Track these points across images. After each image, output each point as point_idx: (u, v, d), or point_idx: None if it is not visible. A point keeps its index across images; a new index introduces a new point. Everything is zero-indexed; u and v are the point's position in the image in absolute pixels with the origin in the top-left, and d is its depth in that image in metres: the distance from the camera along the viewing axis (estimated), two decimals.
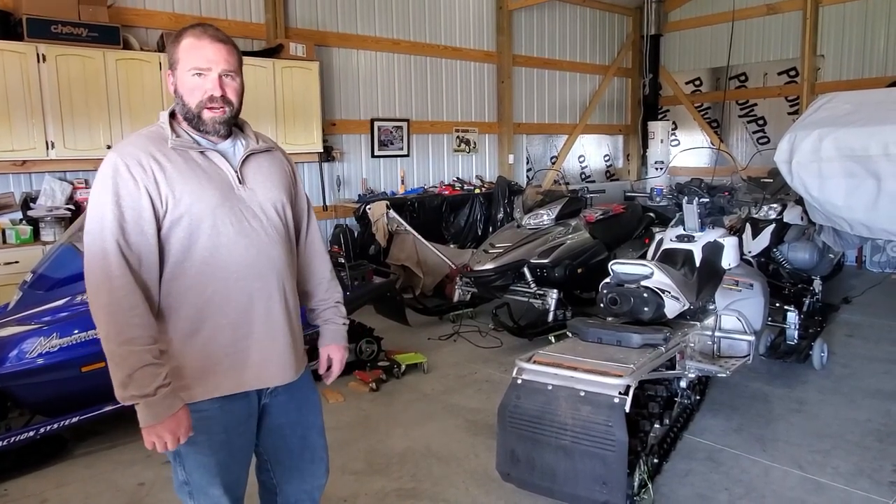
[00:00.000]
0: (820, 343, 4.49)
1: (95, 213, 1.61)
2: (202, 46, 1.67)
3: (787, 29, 8.53)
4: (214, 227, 1.68)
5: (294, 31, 6.50)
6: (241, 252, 1.71)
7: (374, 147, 7.34)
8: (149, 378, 1.57)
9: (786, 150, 3.64)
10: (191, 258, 1.67)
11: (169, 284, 1.68)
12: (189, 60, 1.67)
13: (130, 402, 1.58)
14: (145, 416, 1.59)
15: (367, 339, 4.67)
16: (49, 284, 3.55)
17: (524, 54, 8.70)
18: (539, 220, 5.68)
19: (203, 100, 1.68)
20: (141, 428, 1.61)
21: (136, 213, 1.61)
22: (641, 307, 3.05)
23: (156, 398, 1.58)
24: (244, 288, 1.72)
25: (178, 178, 1.65)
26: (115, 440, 3.61)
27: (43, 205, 5.02)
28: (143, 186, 1.62)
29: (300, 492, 2.00)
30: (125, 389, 1.57)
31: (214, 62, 1.68)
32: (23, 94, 4.77)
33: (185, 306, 1.68)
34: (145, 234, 1.62)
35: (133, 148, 1.66)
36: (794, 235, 5.54)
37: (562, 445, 2.51)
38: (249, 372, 1.75)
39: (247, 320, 1.73)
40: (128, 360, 1.56)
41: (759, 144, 8.95)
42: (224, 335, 1.71)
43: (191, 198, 1.65)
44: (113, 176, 1.61)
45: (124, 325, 1.57)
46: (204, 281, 1.68)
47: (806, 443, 3.43)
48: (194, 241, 1.67)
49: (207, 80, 1.68)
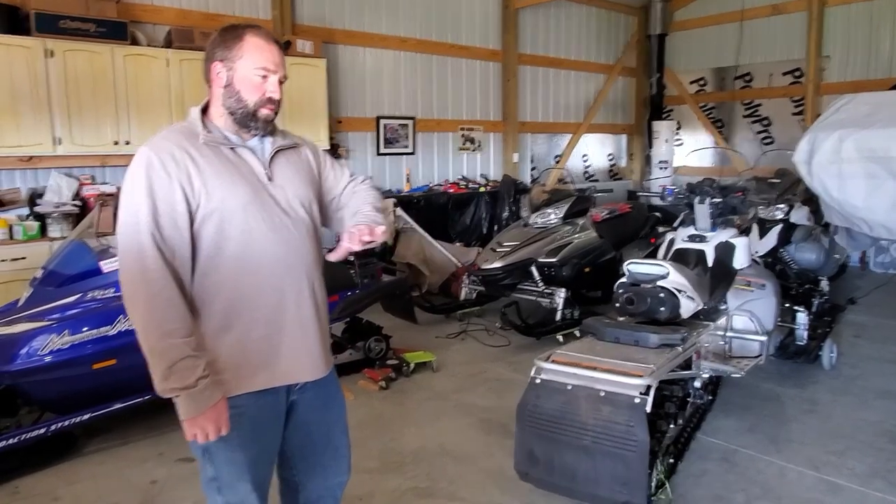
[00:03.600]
0: (829, 343, 4.49)
1: (129, 207, 1.60)
2: (270, 50, 1.73)
3: (792, 29, 8.52)
4: (246, 223, 1.68)
5: (301, 28, 6.48)
6: (272, 248, 1.71)
7: (380, 145, 7.32)
8: (189, 370, 1.57)
9: (805, 150, 3.64)
10: (222, 253, 1.67)
11: (201, 280, 1.67)
12: (257, 60, 1.70)
13: (171, 395, 1.59)
14: (187, 408, 1.59)
15: (375, 337, 4.65)
16: (59, 281, 3.52)
17: (529, 53, 8.69)
18: (546, 219, 5.68)
19: (262, 99, 1.72)
20: (182, 420, 1.61)
21: (169, 207, 1.61)
22: (658, 307, 3.04)
23: (196, 389, 1.58)
24: (275, 283, 1.72)
25: (210, 174, 1.66)
26: (126, 437, 3.59)
27: (50, 201, 5.00)
28: (177, 180, 1.62)
29: (322, 489, 2.00)
30: (166, 382, 1.57)
31: (279, 66, 1.74)
32: (30, 89, 4.74)
33: (217, 301, 1.68)
34: (179, 228, 1.62)
35: (166, 142, 1.66)
36: (801, 236, 5.54)
37: (582, 445, 2.50)
38: (281, 367, 1.75)
39: (278, 315, 1.73)
40: (168, 352, 1.56)
41: (764, 145, 8.94)
42: (256, 330, 1.71)
43: (223, 193, 1.65)
44: (146, 170, 1.61)
45: (163, 319, 1.56)
46: (236, 276, 1.68)
47: (820, 443, 3.42)
48: (226, 237, 1.66)
49: (270, 83, 1.73)
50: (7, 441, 3.13)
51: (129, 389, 3.42)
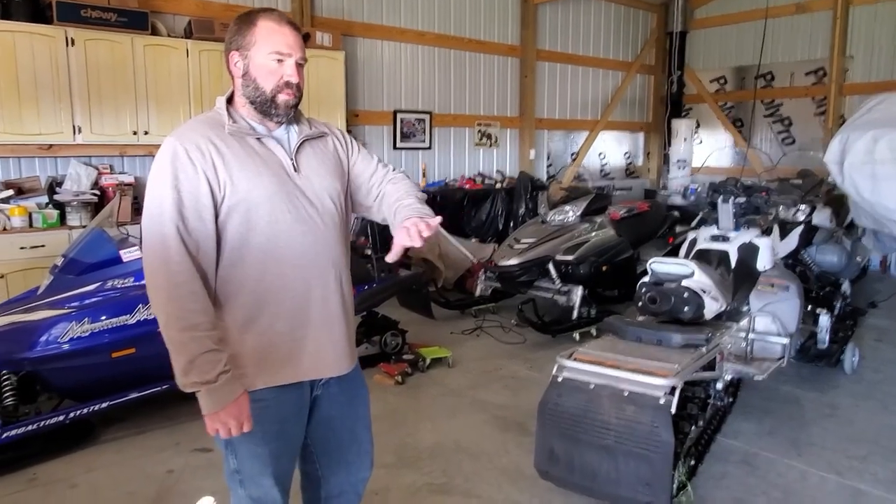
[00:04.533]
0: (851, 347, 4.42)
1: (154, 198, 1.58)
2: (284, 32, 1.67)
3: (815, 28, 8.40)
4: (272, 215, 1.65)
5: (320, 21, 6.46)
6: (298, 240, 1.68)
7: (397, 139, 7.30)
8: (210, 364, 1.55)
9: (837, 150, 3.57)
10: (248, 245, 1.64)
11: (226, 272, 1.65)
12: (270, 44, 1.66)
13: (192, 389, 1.56)
14: (207, 403, 1.57)
15: (392, 331, 4.64)
16: (80, 269, 3.53)
17: (548, 49, 8.62)
18: (564, 217, 5.63)
19: (280, 84, 1.67)
20: (203, 415, 1.59)
21: (194, 198, 1.58)
22: (682, 307, 3.00)
23: (217, 384, 1.56)
24: (301, 276, 1.69)
25: (235, 164, 1.63)
26: (143, 427, 3.59)
27: (69, 189, 5.01)
28: (202, 171, 1.59)
29: (345, 483, 1.98)
30: (186, 376, 1.54)
31: (294, 49, 1.68)
32: (51, 78, 4.76)
33: (242, 294, 1.66)
34: (203, 220, 1.59)
35: (192, 132, 1.64)
36: (823, 238, 5.46)
37: (604, 445, 2.47)
38: (306, 362, 1.73)
39: (304, 309, 1.71)
40: (189, 346, 1.53)
41: (785, 145, 8.83)
42: (281, 324, 1.68)
43: (248, 184, 1.63)
44: (172, 160, 1.59)
45: (184, 311, 1.54)
46: (261, 269, 1.65)
47: (842, 448, 3.37)
48: (251, 228, 1.64)
49: (286, 66, 1.68)
50: (27, 427, 3.15)
51: (147, 379, 3.42)
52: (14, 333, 3.21)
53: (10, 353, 3.16)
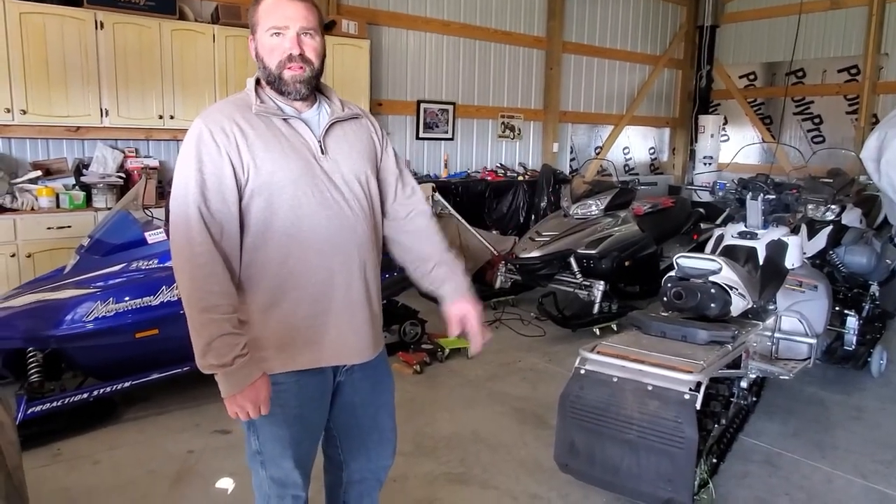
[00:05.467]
0: (879, 350, 4.33)
1: (180, 179, 1.59)
2: (280, 5, 1.62)
3: (850, 25, 8.21)
4: (296, 198, 1.63)
5: (346, 9, 6.45)
6: (322, 224, 1.65)
7: (420, 129, 7.28)
8: (227, 347, 1.54)
9: (874, 147, 3.47)
10: (271, 229, 1.63)
11: (250, 255, 1.64)
12: (268, 20, 1.63)
13: (209, 371, 1.56)
14: (225, 386, 1.57)
15: (411, 321, 4.63)
16: (105, 250, 3.57)
17: (574, 41, 8.53)
18: (587, 210, 5.57)
19: (283, 59, 1.63)
20: (222, 398, 1.59)
21: (217, 180, 1.58)
22: (708, 303, 2.94)
23: (233, 368, 1.55)
24: (324, 261, 1.67)
25: (259, 146, 1.61)
26: (164, 407, 3.63)
27: (95, 171, 5.07)
28: (226, 153, 1.58)
29: (366, 470, 1.98)
30: (204, 358, 1.55)
31: (292, 20, 1.62)
32: (80, 60, 4.81)
33: (265, 278, 1.65)
34: (227, 202, 1.59)
35: (218, 114, 1.62)
36: (852, 238, 5.34)
37: (626, 440, 2.44)
38: (327, 348, 1.71)
39: (326, 295, 1.69)
40: (207, 328, 1.53)
41: (814, 143, 8.66)
42: (303, 309, 1.67)
43: (272, 166, 1.61)
44: (197, 142, 1.58)
45: (204, 293, 1.54)
46: (285, 253, 1.64)
47: (868, 452, 3.30)
48: (275, 212, 1.62)
49: (286, 39, 1.62)
50: (51, 404, 3.20)
51: (170, 360, 3.45)
52: (41, 311, 3.25)
53: (37, 330, 3.21)
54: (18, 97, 4.61)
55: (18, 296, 3.37)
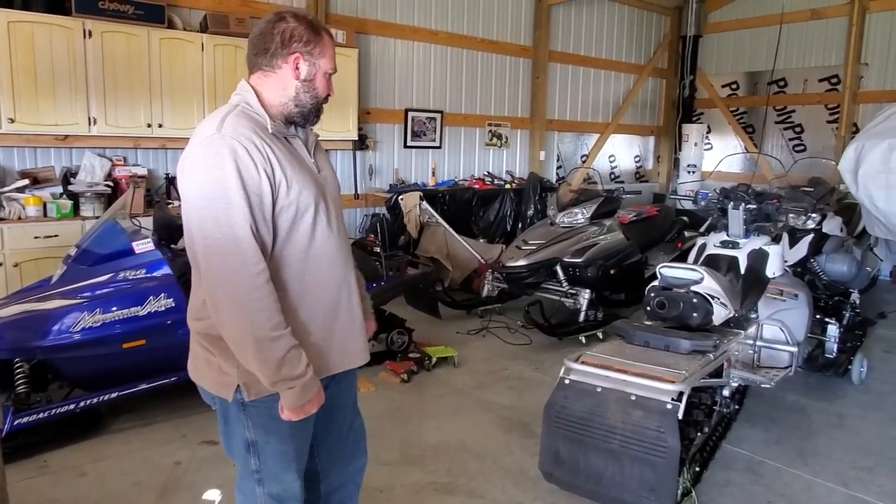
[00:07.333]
0: (860, 357, 4.41)
1: (218, 198, 1.52)
2: (332, 47, 1.75)
3: (830, 35, 8.35)
4: (315, 216, 1.68)
5: (335, 18, 6.48)
6: (332, 240, 1.74)
7: (407, 137, 7.32)
8: (297, 360, 1.59)
9: (852, 158, 3.55)
10: (290, 245, 1.66)
11: (271, 272, 1.62)
12: (330, 59, 1.74)
13: (283, 387, 1.58)
14: (297, 397, 1.60)
15: (398, 330, 4.65)
16: (93, 259, 3.57)
17: (560, 50, 8.62)
18: (573, 219, 5.63)
19: (326, 96, 1.76)
20: (287, 409, 1.63)
21: (259, 199, 1.57)
22: (690, 312, 3.00)
23: (307, 378, 1.61)
24: (334, 274, 1.75)
25: (287, 166, 1.63)
26: (150, 418, 3.63)
27: (83, 180, 5.06)
28: (263, 171, 1.57)
29: (344, 475, 2.03)
30: (278, 372, 1.56)
31: (336, 64, 1.78)
32: (68, 69, 4.80)
33: (283, 294, 1.65)
34: (266, 220, 1.59)
35: (245, 130, 1.59)
36: (833, 247, 5.44)
37: (610, 449, 2.48)
38: (333, 356, 1.78)
39: (334, 306, 1.76)
40: (280, 343, 1.56)
41: (796, 152, 8.79)
42: (315, 322, 1.72)
43: (300, 185, 1.64)
44: (233, 159, 1.53)
45: (272, 311, 1.56)
46: (302, 268, 1.69)
47: (849, 459, 3.36)
48: (296, 229, 1.66)
49: (331, 81, 1.77)
50: (38, 415, 3.18)
51: (157, 370, 3.46)
52: (27, 322, 3.24)
53: (23, 341, 3.20)
54: (6, 105, 4.60)
55: (5, 306, 3.36)
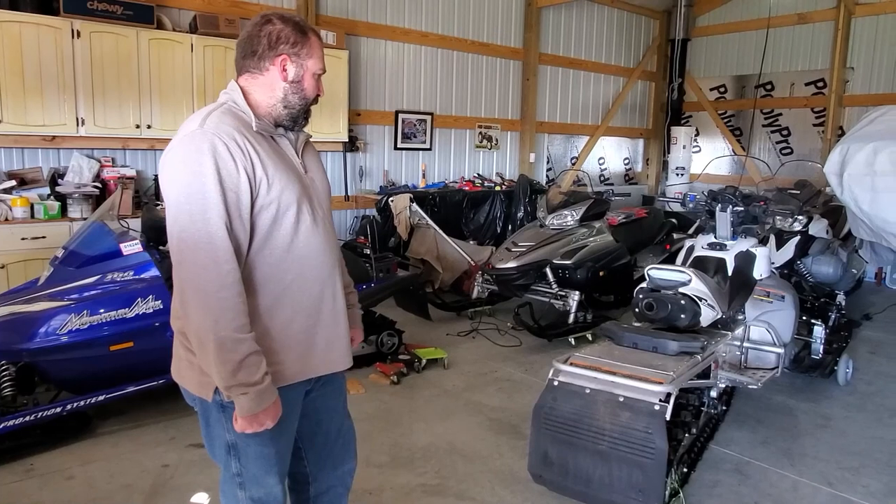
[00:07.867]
0: (845, 359, 4.46)
1: (195, 193, 1.50)
2: (321, 48, 1.75)
3: (817, 39, 8.44)
4: (298, 215, 1.66)
5: (325, 19, 6.47)
6: (316, 240, 1.71)
7: (398, 139, 7.31)
8: (255, 366, 1.55)
9: (836, 161, 3.59)
10: (271, 244, 1.64)
11: (247, 271, 1.63)
12: (319, 60, 1.74)
13: (236, 392, 1.54)
14: (251, 405, 1.55)
15: (388, 331, 4.65)
16: (80, 261, 3.55)
17: (550, 53, 8.65)
18: (563, 221, 5.65)
19: (315, 97, 1.76)
20: (239, 417, 1.58)
21: (236, 196, 1.55)
22: (678, 314, 3.02)
23: (263, 385, 1.56)
24: (317, 276, 1.73)
25: (270, 163, 1.62)
26: (139, 421, 3.61)
27: (71, 181, 5.02)
28: (243, 168, 1.56)
29: (333, 478, 2.02)
30: (234, 377, 1.52)
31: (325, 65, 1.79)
32: (56, 69, 4.77)
33: (262, 294, 1.65)
34: (243, 218, 1.57)
35: (226, 126, 1.58)
36: (819, 249, 5.49)
37: (598, 450, 2.49)
38: (316, 358, 1.76)
39: (317, 308, 1.74)
40: (238, 347, 1.52)
41: (783, 155, 8.88)
42: (297, 323, 1.71)
43: (281, 184, 1.63)
44: (212, 155, 1.52)
45: (237, 312, 1.53)
46: (284, 268, 1.67)
47: (834, 459, 3.40)
48: (277, 228, 1.64)
49: (320, 82, 1.77)
50: (24, 418, 3.16)
51: (145, 373, 3.43)
52: (14, 324, 3.22)
53: (10, 343, 3.18)
54: None
55: None
